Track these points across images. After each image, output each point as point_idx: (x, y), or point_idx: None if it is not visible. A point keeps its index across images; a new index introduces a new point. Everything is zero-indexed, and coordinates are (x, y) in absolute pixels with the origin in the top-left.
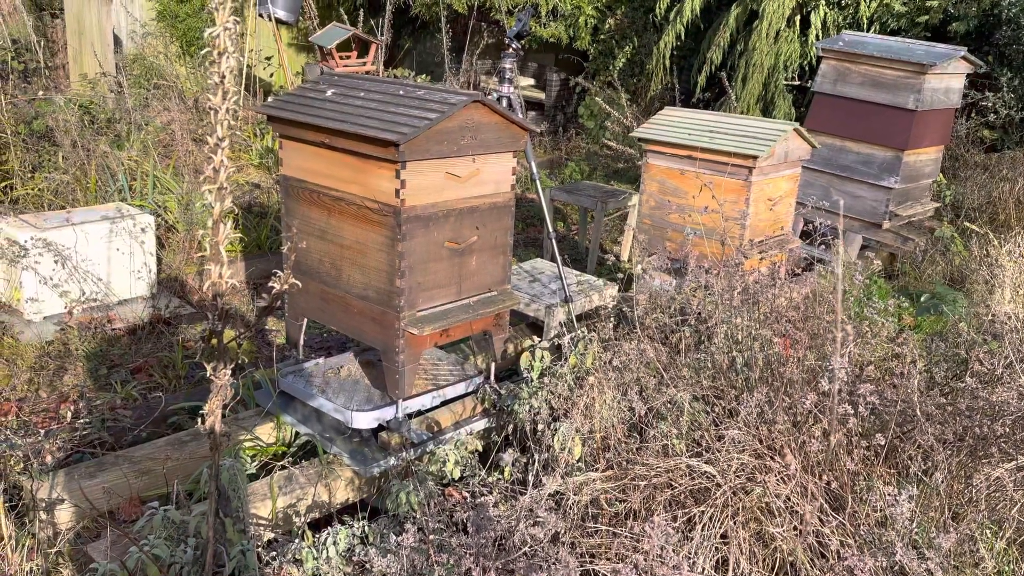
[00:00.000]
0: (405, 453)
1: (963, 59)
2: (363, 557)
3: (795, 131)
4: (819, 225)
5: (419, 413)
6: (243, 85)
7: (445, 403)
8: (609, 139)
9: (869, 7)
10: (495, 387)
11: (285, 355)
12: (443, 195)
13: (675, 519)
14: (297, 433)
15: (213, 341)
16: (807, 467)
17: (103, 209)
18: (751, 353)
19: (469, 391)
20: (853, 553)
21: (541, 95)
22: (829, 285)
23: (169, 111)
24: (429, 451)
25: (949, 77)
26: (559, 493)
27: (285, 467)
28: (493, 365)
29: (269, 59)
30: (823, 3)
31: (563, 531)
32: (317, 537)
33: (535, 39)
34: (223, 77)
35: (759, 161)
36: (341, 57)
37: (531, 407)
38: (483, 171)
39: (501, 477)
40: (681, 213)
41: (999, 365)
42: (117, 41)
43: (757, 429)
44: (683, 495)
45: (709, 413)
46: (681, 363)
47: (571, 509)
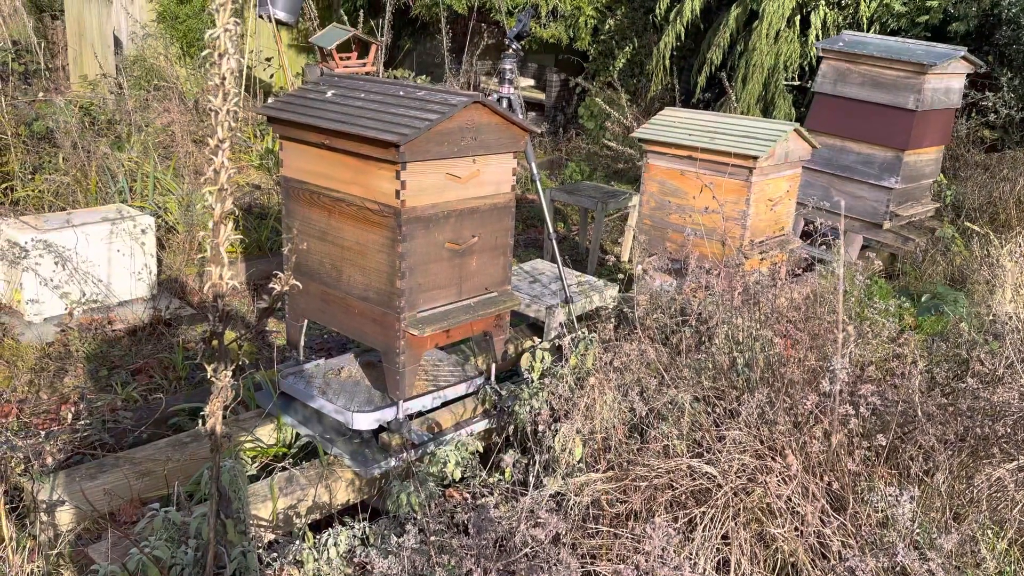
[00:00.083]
0: (406, 454)
1: (963, 59)
2: (364, 558)
3: (795, 131)
4: (820, 225)
5: (420, 414)
6: (243, 86)
7: (446, 404)
8: (609, 140)
9: (869, 7)
10: (496, 388)
11: (286, 356)
12: (443, 196)
13: (676, 520)
14: (298, 434)
15: (214, 342)
16: (808, 468)
17: (104, 210)
18: (752, 354)
19: (470, 392)
20: (854, 554)
21: (541, 96)
22: (830, 285)
23: (169, 112)
24: (430, 452)
25: (949, 77)
26: (560, 494)
27: (286, 468)
28: (494, 366)
29: (269, 60)
30: (823, 3)
31: (564, 532)
32: (318, 538)
33: (535, 40)
34: (224, 78)
35: (759, 161)
36: (341, 58)
37: (532, 408)
38: (483, 172)
39: (502, 478)
40: (681, 213)
41: (1000, 365)
42: (117, 42)
43: (758, 430)
44: (684, 496)
45: (710, 414)
46: (682, 364)
47: (572, 510)
